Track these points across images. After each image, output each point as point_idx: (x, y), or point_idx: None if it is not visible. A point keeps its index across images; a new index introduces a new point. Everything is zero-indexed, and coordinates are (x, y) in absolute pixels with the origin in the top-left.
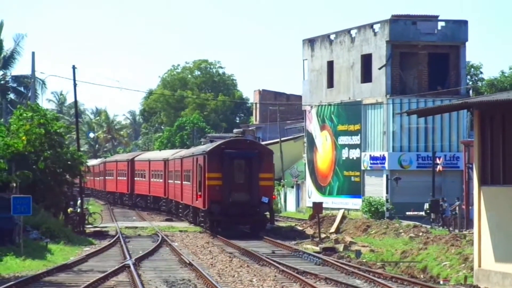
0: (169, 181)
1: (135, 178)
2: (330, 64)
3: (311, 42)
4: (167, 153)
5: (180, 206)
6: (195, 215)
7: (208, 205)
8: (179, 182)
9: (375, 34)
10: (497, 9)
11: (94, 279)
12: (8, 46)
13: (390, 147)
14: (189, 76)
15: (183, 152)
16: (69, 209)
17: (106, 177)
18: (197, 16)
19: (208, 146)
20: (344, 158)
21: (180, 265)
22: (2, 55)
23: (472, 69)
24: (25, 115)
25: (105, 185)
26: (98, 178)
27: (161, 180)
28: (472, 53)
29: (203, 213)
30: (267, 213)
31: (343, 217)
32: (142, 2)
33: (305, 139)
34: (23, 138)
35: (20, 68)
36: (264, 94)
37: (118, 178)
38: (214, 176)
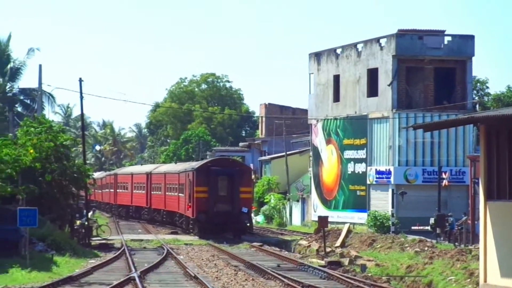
0: (180, 194)
1: (152, 192)
2: (336, 78)
3: (317, 56)
4: (181, 166)
5: (177, 216)
6: (187, 223)
7: (196, 214)
8: (181, 194)
9: (381, 48)
10: (504, 24)
11: None
12: (15, 58)
13: (396, 162)
14: (196, 89)
15: (180, 166)
16: (78, 221)
17: (118, 190)
18: (204, 29)
19: (196, 164)
20: (349, 172)
21: (186, 278)
22: (9, 67)
23: (478, 84)
24: (32, 128)
25: (117, 198)
26: (104, 191)
27: (175, 194)
28: (479, 68)
29: (192, 221)
30: (247, 221)
31: (349, 231)
32: (150, 16)
33: (310, 153)
34: (31, 151)
35: (27, 80)
36: (270, 108)
37: (134, 191)
38: (201, 190)
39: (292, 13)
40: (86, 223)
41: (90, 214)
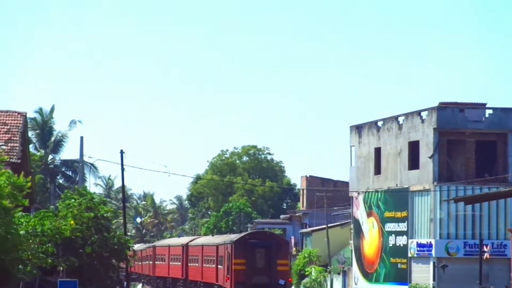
0: (219, 266)
1: (189, 264)
2: (378, 151)
3: (358, 128)
4: (219, 239)
5: (215, 287)
6: None
7: (234, 285)
8: (220, 266)
9: (422, 121)
10: None
11: None
12: (58, 130)
13: (437, 234)
14: (238, 161)
15: (217, 239)
16: None
17: (156, 262)
18: (246, 102)
19: (235, 236)
20: (391, 245)
21: None
22: (52, 139)
23: None
24: (73, 200)
25: (155, 270)
26: (143, 263)
27: (213, 266)
28: None
29: None
30: None
31: None
32: (189, 89)
33: (352, 226)
34: (72, 222)
35: (69, 152)
36: (311, 180)
37: (170, 263)
38: (239, 262)
39: (333, 85)
40: None
41: (139, 287)
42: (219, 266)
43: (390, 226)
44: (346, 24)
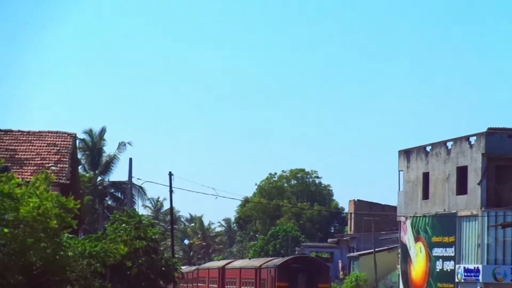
0: None
1: (226, 286)
2: (426, 176)
3: (407, 153)
4: (258, 262)
5: None
6: None
7: None
8: None
9: (471, 146)
10: None
11: None
12: (107, 152)
13: (485, 260)
14: (286, 184)
15: (256, 262)
16: None
17: (199, 284)
18: (295, 125)
19: (278, 261)
20: (438, 270)
21: None
22: (101, 161)
23: None
24: (123, 224)
25: None
26: (192, 285)
27: None
28: None
29: None
30: None
31: None
32: (239, 109)
33: (399, 250)
34: (122, 247)
35: (118, 173)
36: (359, 204)
37: (209, 285)
38: (282, 285)
39: (383, 109)
40: None
41: None
42: None
43: (437, 251)
44: (399, 46)
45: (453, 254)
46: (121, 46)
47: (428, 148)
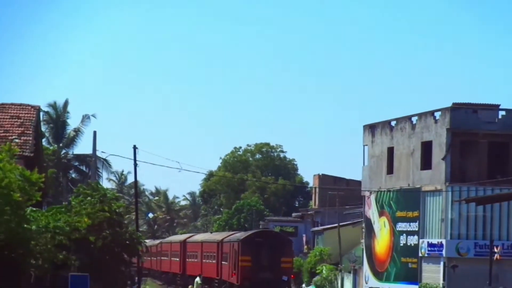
0: (223, 262)
1: (188, 260)
2: (390, 151)
3: (371, 128)
4: (220, 236)
5: (215, 281)
6: None
7: (240, 281)
8: (224, 262)
9: (435, 121)
10: None
11: None
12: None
13: (448, 235)
14: (250, 159)
15: (218, 236)
16: None
17: (162, 258)
18: (259, 100)
19: (242, 235)
20: (401, 245)
21: None
22: (65, 134)
23: None
24: (88, 198)
25: (161, 265)
26: (155, 258)
27: (214, 261)
28: None
29: (236, 287)
30: None
31: None
32: (203, 84)
33: (363, 225)
34: (86, 220)
35: (82, 146)
36: (324, 179)
37: (172, 259)
38: (245, 259)
39: (347, 84)
40: None
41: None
42: (223, 263)
43: (401, 226)
44: (361, 23)
45: (417, 229)
46: (84, 16)
47: (393, 123)
